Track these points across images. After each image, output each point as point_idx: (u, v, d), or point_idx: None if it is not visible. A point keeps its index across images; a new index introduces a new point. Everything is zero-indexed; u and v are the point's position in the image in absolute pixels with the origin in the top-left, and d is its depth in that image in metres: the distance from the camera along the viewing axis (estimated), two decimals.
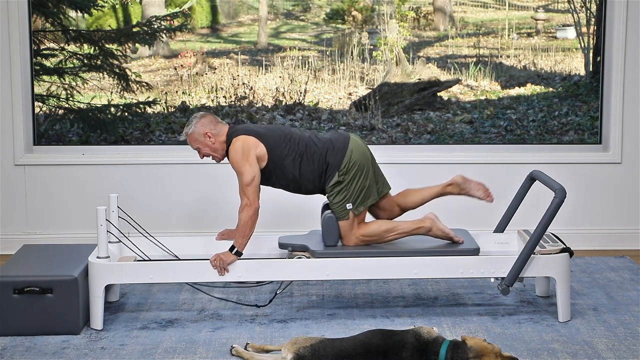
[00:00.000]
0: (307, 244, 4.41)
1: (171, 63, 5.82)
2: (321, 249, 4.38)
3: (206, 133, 4.38)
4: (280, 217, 5.49)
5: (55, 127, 5.71)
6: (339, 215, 4.40)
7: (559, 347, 4.02)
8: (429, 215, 4.53)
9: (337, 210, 4.41)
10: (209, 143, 4.39)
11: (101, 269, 4.23)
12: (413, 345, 3.63)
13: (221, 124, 4.43)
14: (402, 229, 4.47)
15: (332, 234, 4.41)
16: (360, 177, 4.39)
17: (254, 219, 4.29)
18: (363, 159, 4.41)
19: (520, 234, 4.61)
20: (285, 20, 5.92)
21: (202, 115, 4.43)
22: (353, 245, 4.43)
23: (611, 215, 5.76)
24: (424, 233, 4.50)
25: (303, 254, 4.38)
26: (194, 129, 4.39)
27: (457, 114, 5.82)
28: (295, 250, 4.41)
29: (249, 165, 4.29)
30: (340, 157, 4.37)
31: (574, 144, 5.79)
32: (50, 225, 5.65)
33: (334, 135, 4.48)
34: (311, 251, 4.36)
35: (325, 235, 4.43)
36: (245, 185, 4.27)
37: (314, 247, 4.39)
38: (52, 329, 4.17)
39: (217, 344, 4.07)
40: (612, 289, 4.86)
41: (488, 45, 5.90)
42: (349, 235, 4.42)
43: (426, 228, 4.49)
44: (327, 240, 4.43)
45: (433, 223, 4.49)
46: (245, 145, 4.32)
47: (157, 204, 5.63)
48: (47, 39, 5.69)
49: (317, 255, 4.34)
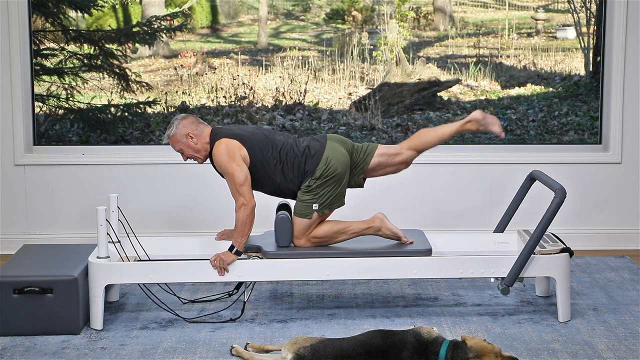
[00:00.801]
0: (260, 244, 4.41)
1: (171, 63, 5.82)
2: (274, 250, 4.37)
3: (188, 134, 4.37)
4: None
5: (55, 127, 5.71)
6: (301, 212, 4.36)
7: (559, 347, 4.02)
8: (378, 215, 4.50)
9: (301, 207, 4.37)
10: (192, 144, 4.38)
11: (101, 269, 4.23)
12: (413, 345, 3.63)
13: (203, 124, 4.41)
14: (352, 229, 4.45)
15: (286, 234, 4.39)
16: (333, 185, 4.36)
17: (252, 217, 4.28)
18: (339, 165, 4.35)
19: (520, 234, 4.61)
20: (285, 20, 5.92)
21: (183, 116, 4.42)
22: (302, 246, 4.41)
23: (611, 215, 5.76)
24: (374, 233, 4.48)
25: (256, 254, 4.37)
26: (176, 131, 4.37)
27: (457, 114, 5.82)
28: (248, 250, 4.40)
29: (237, 165, 4.28)
30: (315, 163, 4.35)
31: (574, 144, 5.79)
32: (50, 225, 5.66)
33: (312, 142, 4.43)
34: (264, 252, 4.36)
35: (278, 236, 4.41)
36: (239, 185, 4.27)
37: (267, 247, 4.38)
38: (52, 329, 4.17)
39: (217, 344, 4.07)
40: (612, 289, 4.86)
41: (488, 45, 5.90)
42: (301, 236, 4.40)
43: (375, 228, 4.47)
44: (280, 241, 4.41)
45: (382, 222, 4.47)
46: (229, 147, 4.30)
47: (157, 204, 5.63)
48: (47, 39, 5.69)
49: (269, 256, 4.33)
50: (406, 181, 5.66)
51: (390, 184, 5.63)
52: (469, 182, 5.71)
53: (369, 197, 5.44)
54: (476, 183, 5.70)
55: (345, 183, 4.42)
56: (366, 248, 4.42)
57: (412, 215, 5.58)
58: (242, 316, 4.40)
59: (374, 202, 5.35)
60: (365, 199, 5.33)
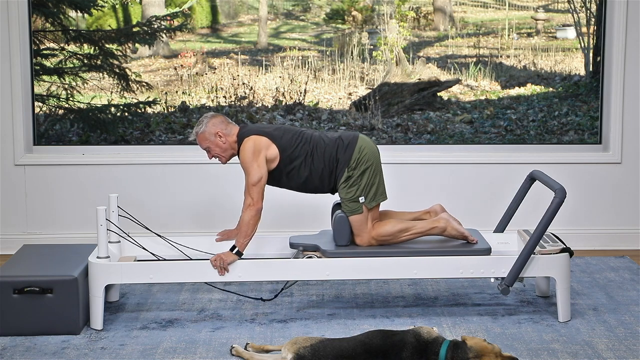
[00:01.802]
0: (318, 243, 4.41)
1: (171, 63, 5.82)
2: (332, 249, 4.38)
3: (217, 133, 4.38)
4: (286, 217, 5.49)
5: (55, 127, 5.71)
6: (351, 209, 4.38)
7: (559, 347, 4.02)
8: (443, 215, 4.50)
9: (349, 204, 4.38)
10: (220, 143, 4.39)
11: (101, 269, 4.23)
12: (413, 345, 3.63)
13: (232, 124, 4.43)
14: (417, 229, 4.45)
15: (343, 233, 4.41)
16: (370, 173, 4.38)
17: (256, 219, 4.29)
18: (372, 156, 4.40)
19: (520, 234, 4.60)
20: (285, 20, 5.92)
21: (213, 115, 4.43)
22: (366, 245, 4.41)
23: (611, 215, 5.76)
24: (439, 233, 4.47)
25: (314, 253, 4.38)
26: (205, 129, 4.39)
27: (457, 114, 5.82)
28: (306, 249, 4.40)
29: (257, 165, 4.29)
30: (349, 153, 4.37)
31: (574, 144, 5.79)
32: (50, 225, 5.65)
33: (344, 133, 4.48)
34: (322, 251, 4.36)
35: (336, 235, 4.42)
36: (251, 185, 4.28)
37: (325, 246, 4.39)
38: (52, 329, 4.17)
39: (217, 344, 4.07)
40: (612, 289, 4.86)
41: (488, 45, 5.90)
42: (363, 233, 4.40)
43: (440, 228, 4.46)
44: (338, 240, 4.42)
45: (447, 223, 4.46)
46: (256, 145, 4.32)
47: (157, 204, 5.63)
48: (47, 39, 5.69)
49: (328, 255, 4.34)
50: (406, 181, 5.66)
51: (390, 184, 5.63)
52: (469, 182, 5.71)
53: None
54: (476, 183, 5.70)
55: (381, 173, 4.43)
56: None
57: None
58: (244, 315, 4.41)
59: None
60: None
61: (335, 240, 4.43)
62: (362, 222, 4.39)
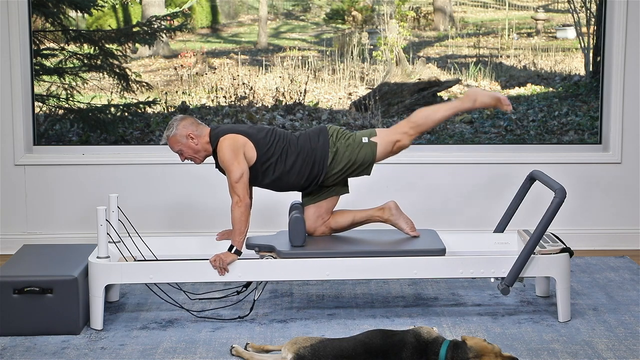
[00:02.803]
0: (274, 244, 4.41)
1: (171, 63, 5.82)
2: (287, 249, 4.37)
3: (189, 134, 4.38)
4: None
5: (55, 127, 5.71)
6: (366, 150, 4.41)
7: (559, 347, 4.02)
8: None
9: (365, 152, 4.41)
10: (192, 144, 4.39)
11: (101, 269, 4.23)
12: (413, 345, 3.63)
13: (202, 125, 4.43)
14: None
15: (299, 233, 4.40)
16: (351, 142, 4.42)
17: (247, 214, 4.29)
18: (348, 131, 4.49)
19: (520, 234, 4.60)
20: (285, 20, 5.92)
21: (182, 117, 4.43)
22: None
23: (611, 215, 5.76)
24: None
25: (270, 254, 4.37)
26: (176, 131, 4.38)
27: (457, 114, 5.81)
28: (262, 250, 4.40)
29: (237, 162, 4.30)
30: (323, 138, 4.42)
31: (574, 144, 5.79)
32: (50, 225, 5.65)
33: (308, 129, 4.55)
34: (277, 251, 4.36)
35: (291, 236, 4.41)
36: (234, 183, 4.28)
37: (280, 247, 4.38)
38: (52, 329, 4.17)
39: (217, 344, 4.07)
40: (612, 289, 4.86)
41: (488, 45, 5.90)
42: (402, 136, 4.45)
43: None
44: (293, 240, 4.42)
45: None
46: (233, 143, 4.33)
47: (157, 204, 5.63)
48: (47, 39, 5.69)
49: (283, 256, 4.34)
50: (406, 181, 5.66)
51: (390, 184, 5.64)
52: (469, 182, 5.71)
53: (370, 197, 5.43)
54: (476, 183, 5.70)
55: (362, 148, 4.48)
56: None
57: (412, 215, 5.56)
58: (245, 315, 4.41)
59: (375, 203, 5.34)
60: (365, 198, 5.33)
61: (290, 240, 4.43)
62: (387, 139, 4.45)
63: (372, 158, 4.44)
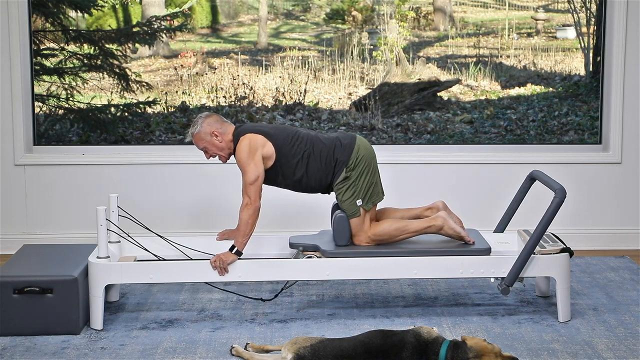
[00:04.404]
0: (318, 243, 4.41)
1: (171, 63, 5.82)
2: (332, 249, 4.38)
3: (213, 132, 4.38)
4: (285, 217, 5.49)
5: (55, 127, 5.71)
6: (350, 212, 4.38)
7: (559, 347, 4.02)
8: (440, 213, 4.48)
9: (347, 207, 4.39)
10: (216, 142, 4.39)
11: (101, 269, 4.23)
12: (413, 345, 3.63)
13: (227, 123, 4.43)
14: (413, 227, 4.44)
15: (343, 233, 4.41)
16: (368, 174, 4.38)
17: (255, 218, 4.28)
18: (370, 156, 4.41)
19: (520, 234, 4.60)
20: (285, 20, 5.92)
21: (207, 114, 4.43)
22: (364, 245, 4.41)
23: (611, 215, 5.76)
24: (436, 231, 4.46)
25: (314, 253, 4.38)
26: (201, 129, 4.38)
27: (457, 114, 5.82)
28: (306, 249, 4.40)
29: (254, 164, 4.28)
30: (347, 153, 4.37)
31: (574, 144, 5.79)
32: (50, 225, 5.65)
33: (341, 134, 4.49)
34: (322, 251, 4.36)
35: (336, 235, 4.42)
36: (248, 184, 4.27)
37: (325, 246, 4.39)
38: (52, 329, 4.17)
39: (217, 344, 4.07)
40: (612, 289, 4.86)
41: (488, 45, 5.90)
42: (360, 233, 4.40)
43: (437, 227, 4.44)
44: (338, 240, 4.42)
45: (445, 222, 4.44)
46: (252, 143, 4.32)
47: (157, 204, 5.63)
48: (47, 39, 5.69)
49: (328, 255, 4.34)
50: (406, 181, 5.66)
51: (390, 184, 5.63)
52: (469, 182, 5.71)
53: None
54: (476, 183, 5.70)
55: (377, 173, 4.44)
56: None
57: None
58: (244, 315, 4.41)
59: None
60: None
61: (335, 240, 4.43)
62: (360, 223, 4.40)
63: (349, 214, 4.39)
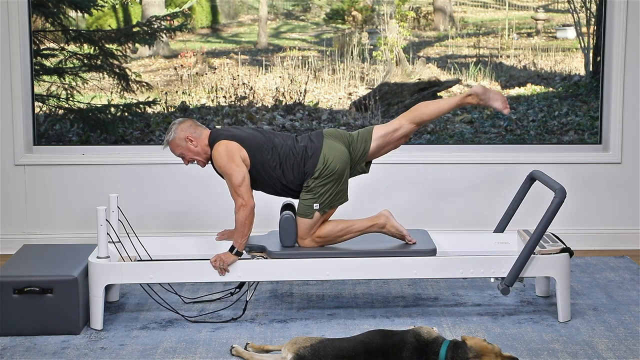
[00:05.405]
0: (264, 244, 4.40)
1: (171, 63, 5.82)
2: (278, 250, 4.36)
3: (187, 137, 4.36)
4: None
5: (55, 127, 5.71)
6: (303, 212, 4.36)
7: (559, 347, 4.02)
8: (383, 212, 4.48)
9: (302, 207, 4.36)
10: (192, 147, 4.37)
11: (101, 269, 4.23)
12: (413, 345, 3.63)
13: (201, 127, 4.41)
14: (356, 227, 4.43)
15: (290, 234, 4.39)
16: (333, 184, 4.35)
17: (251, 218, 4.28)
18: (337, 162, 4.34)
19: (520, 234, 4.61)
20: (285, 20, 5.92)
21: (180, 121, 4.41)
22: (308, 246, 4.40)
23: (611, 215, 5.76)
24: (378, 230, 4.46)
25: (261, 254, 4.37)
26: (175, 135, 4.37)
27: (457, 114, 5.82)
28: (252, 250, 4.39)
29: (236, 166, 4.27)
30: (312, 164, 4.34)
31: (574, 144, 5.79)
32: (50, 225, 5.65)
33: (309, 143, 4.41)
34: (268, 252, 4.35)
35: (282, 236, 4.41)
36: (237, 186, 4.26)
37: (271, 247, 4.38)
38: (52, 329, 4.17)
39: (217, 344, 4.07)
40: (612, 289, 4.86)
41: (488, 45, 5.90)
42: (305, 236, 4.38)
43: (380, 225, 4.44)
44: (284, 241, 4.41)
45: (387, 220, 4.45)
46: (228, 148, 4.30)
47: (157, 204, 5.63)
48: (47, 39, 5.69)
49: (273, 256, 4.33)
50: (407, 181, 5.66)
51: (390, 184, 5.64)
52: (469, 182, 5.71)
53: (370, 197, 5.44)
54: (476, 183, 5.70)
55: (346, 179, 4.41)
56: (366, 248, 4.42)
57: (412, 215, 5.57)
58: (243, 316, 4.40)
59: (375, 202, 5.35)
60: (365, 199, 5.34)
61: (281, 241, 4.42)
62: (308, 226, 4.37)
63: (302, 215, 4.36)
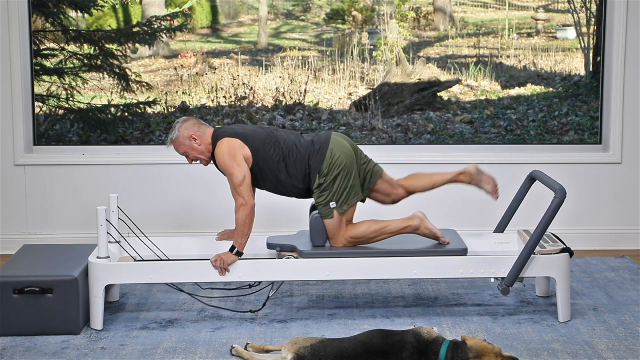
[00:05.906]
0: (295, 244, 4.41)
1: (171, 63, 5.82)
2: (309, 249, 4.37)
3: (191, 135, 4.37)
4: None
5: (55, 127, 5.71)
6: (323, 214, 4.37)
7: (559, 347, 4.02)
8: (417, 213, 4.50)
9: (321, 209, 4.38)
10: (195, 145, 4.38)
11: (101, 269, 4.23)
12: (413, 345, 3.64)
13: (204, 125, 4.41)
14: (390, 229, 4.44)
15: (320, 234, 4.40)
16: (343, 178, 4.36)
17: (251, 217, 4.28)
18: (345, 158, 4.36)
19: (520, 234, 4.61)
20: (285, 20, 5.92)
21: (184, 119, 4.42)
22: (341, 246, 4.41)
23: (611, 215, 5.76)
24: (412, 231, 4.47)
25: (291, 254, 4.37)
26: (179, 134, 4.38)
27: (457, 114, 5.82)
28: (283, 250, 4.40)
29: (237, 165, 4.28)
30: (320, 159, 4.35)
31: (574, 144, 5.79)
32: (50, 225, 5.65)
33: (315, 137, 4.43)
34: (299, 251, 4.36)
35: (312, 236, 4.42)
36: (237, 186, 4.27)
37: (301, 247, 4.38)
38: (52, 329, 4.17)
39: (217, 344, 4.07)
40: (612, 289, 4.86)
41: (488, 45, 5.90)
42: (336, 235, 4.40)
43: (414, 226, 4.46)
44: (314, 240, 4.42)
45: (421, 222, 4.46)
46: (230, 146, 4.31)
47: (157, 204, 5.63)
48: (47, 39, 5.69)
49: (304, 256, 4.34)
50: None
51: None
52: None
53: None
54: None
55: (356, 175, 4.41)
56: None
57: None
58: (243, 315, 4.41)
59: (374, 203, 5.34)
60: None
61: (311, 240, 4.42)
62: (334, 226, 4.38)
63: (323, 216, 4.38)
